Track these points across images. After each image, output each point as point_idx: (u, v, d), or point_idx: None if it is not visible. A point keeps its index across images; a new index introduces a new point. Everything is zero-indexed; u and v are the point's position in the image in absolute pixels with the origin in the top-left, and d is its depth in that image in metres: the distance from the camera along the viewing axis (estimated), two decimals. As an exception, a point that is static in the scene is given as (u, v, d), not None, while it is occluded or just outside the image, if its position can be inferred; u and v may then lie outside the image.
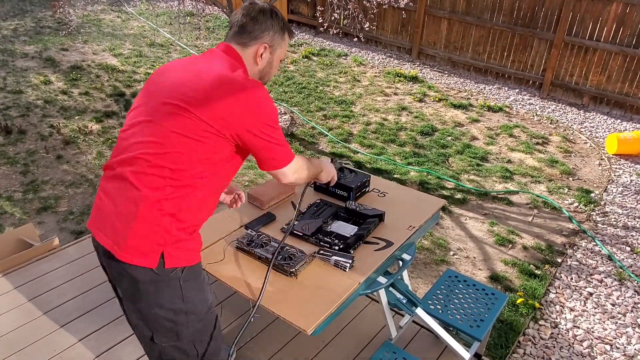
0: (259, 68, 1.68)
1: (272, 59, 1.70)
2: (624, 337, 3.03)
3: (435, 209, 2.34)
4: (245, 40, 1.64)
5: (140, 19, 9.56)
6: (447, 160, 5.03)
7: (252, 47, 1.64)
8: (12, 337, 2.42)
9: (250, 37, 1.64)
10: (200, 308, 1.65)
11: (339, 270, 1.87)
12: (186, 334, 1.65)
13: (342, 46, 8.42)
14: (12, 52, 7.39)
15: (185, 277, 1.58)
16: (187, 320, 1.63)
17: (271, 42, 1.67)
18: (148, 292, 1.57)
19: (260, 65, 1.68)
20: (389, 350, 2.11)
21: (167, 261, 1.52)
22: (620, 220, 4.19)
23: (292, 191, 2.42)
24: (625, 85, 6.12)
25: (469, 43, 7.26)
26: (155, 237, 1.50)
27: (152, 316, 1.62)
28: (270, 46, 1.67)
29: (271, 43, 1.67)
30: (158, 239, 1.50)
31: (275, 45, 1.68)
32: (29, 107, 5.72)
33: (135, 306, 1.61)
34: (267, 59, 1.68)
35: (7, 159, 4.67)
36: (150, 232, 1.49)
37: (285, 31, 1.70)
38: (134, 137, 1.53)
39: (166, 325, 1.63)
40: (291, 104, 6.15)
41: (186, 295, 1.60)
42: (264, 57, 1.67)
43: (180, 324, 1.63)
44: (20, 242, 3.05)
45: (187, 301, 1.61)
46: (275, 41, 1.68)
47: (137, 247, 1.50)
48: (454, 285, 2.51)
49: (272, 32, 1.66)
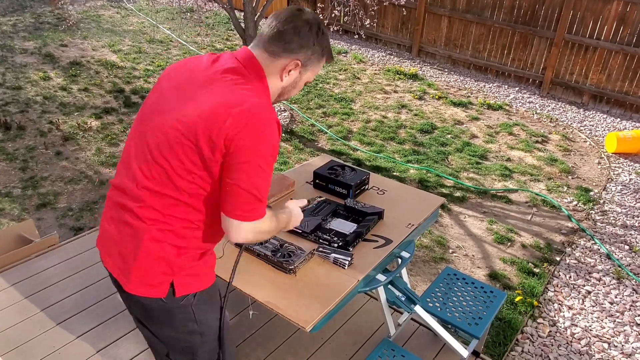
0: (282, 85, 1.46)
1: (299, 79, 1.48)
2: (621, 336, 3.04)
3: (435, 207, 2.34)
4: (277, 50, 1.40)
5: (139, 15, 9.54)
6: (446, 158, 5.03)
7: (282, 60, 1.41)
8: (11, 333, 2.42)
9: (283, 48, 1.40)
10: (215, 327, 1.61)
11: (337, 267, 1.88)
12: (202, 352, 1.62)
13: (342, 43, 8.41)
14: (11, 48, 7.37)
15: (198, 301, 1.52)
16: (202, 340, 1.60)
17: (305, 61, 1.43)
18: (160, 318, 1.52)
19: (285, 83, 1.45)
20: (388, 348, 2.11)
21: (178, 290, 1.45)
22: (619, 219, 4.20)
23: (292, 188, 2.42)
24: (625, 84, 6.12)
25: (469, 41, 7.25)
26: (160, 268, 1.43)
27: (166, 337, 1.59)
28: (303, 65, 1.44)
29: (305, 62, 1.43)
30: (164, 269, 1.43)
31: (308, 66, 1.46)
32: (28, 103, 5.71)
33: (148, 328, 1.59)
34: (294, 78, 1.46)
35: (6, 155, 4.67)
36: (154, 265, 1.43)
37: (324, 55, 1.48)
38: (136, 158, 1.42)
39: (182, 345, 1.60)
40: (291, 101, 6.14)
41: (199, 319, 1.55)
42: (291, 74, 1.44)
43: (196, 344, 1.60)
44: (20, 238, 3.05)
45: (201, 323, 1.56)
46: (310, 61, 1.45)
47: (144, 279, 1.44)
48: (453, 283, 2.51)
49: (310, 50, 1.42)
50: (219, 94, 1.33)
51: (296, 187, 2.45)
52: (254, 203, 1.34)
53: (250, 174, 1.31)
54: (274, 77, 1.43)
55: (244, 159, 1.29)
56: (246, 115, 1.29)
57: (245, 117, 1.29)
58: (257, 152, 1.30)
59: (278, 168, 4.61)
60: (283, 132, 5.37)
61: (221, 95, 1.33)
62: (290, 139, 5.26)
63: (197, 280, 1.50)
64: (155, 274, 1.43)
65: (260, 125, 1.30)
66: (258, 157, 1.30)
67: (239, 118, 1.28)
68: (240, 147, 1.29)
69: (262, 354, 2.38)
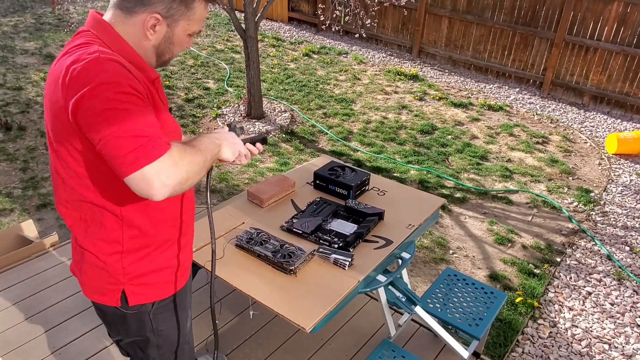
0: (152, 43, 1.28)
1: (171, 34, 1.29)
2: (622, 337, 3.03)
3: (435, 208, 2.34)
4: (128, 4, 1.23)
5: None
6: (447, 159, 5.03)
7: (140, 15, 1.23)
8: (11, 333, 2.42)
9: (136, 3, 1.22)
10: (174, 340, 1.53)
11: (338, 268, 1.87)
12: None
13: (343, 44, 8.41)
14: (12, 49, 7.38)
15: (157, 311, 1.44)
16: (159, 354, 1.54)
17: (167, 11, 1.24)
18: (115, 323, 1.48)
19: (154, 41, 1.28)
20: (388, 349, 2.11)
21: (130, 299, 1.38)
22: (620, 220, 4.20)
23: (292, 189, 2.42)
24: (626, 85, 6.12)
25: (469, 42, 7.25)
26: (105, 279, 1.36)
27: (124, 344, 1.56)
28: (167, 17, 1.25)
29: (167, 13, 1.24)
30: (110, 280, 1.36)
31: (175, 16, 1.26)
32: (29, 103, 5.72)
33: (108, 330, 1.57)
34: (163, 34, 1.27)
35: (6, 155, 4.67)
36: (97, 276, 1.36)
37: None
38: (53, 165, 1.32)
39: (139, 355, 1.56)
40: (291, 101, 6.15)
41: (158, 329, 1.47)
42: (158, 30, 1.26)
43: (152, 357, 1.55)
44: (20, 238, 3.05)
45: (159, 334, 1.49)
46: (174, 10, 1.25)
47: (94, 287, 1.40)
48: (453, 283, 2.51)
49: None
50: (55, 71, 1.20)
51: (297, 187, 2.45)
52: (135, 142, 1.09)
53: (111, 122, 1.09)
54: (139, 36, 1.26)
55: (96, 112, 1.10)
56: (80, 67, 1.13)
57: (79, 69, 1.13)
58: (103, 99, 1.10)
59: (279, 169, 4.62)
60: (283, 132, 5.37)
61: (58, 67, 1.20)
62: (290, 139, 5.26)
63: (153, 289, 1.41)
64: (102, 284, 1.37)
65: (94, 70, 1.12)
66: (106, 102, 1.10)
67: (73, 74, 1.13)
68: (83, 101, 1.11)
69: (263, 355, 2.38)
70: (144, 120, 1.13)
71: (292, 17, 9.28)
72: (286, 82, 6.72)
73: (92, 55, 1.15)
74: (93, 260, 1.35)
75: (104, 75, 1.12)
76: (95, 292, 1.40)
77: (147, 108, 1.17)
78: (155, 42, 1.29)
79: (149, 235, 1.36)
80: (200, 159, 1.22)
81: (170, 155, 1.13)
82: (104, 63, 1.14)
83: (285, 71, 7.10)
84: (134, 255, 1.36)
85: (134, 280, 1.38)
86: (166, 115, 1.34)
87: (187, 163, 1.16)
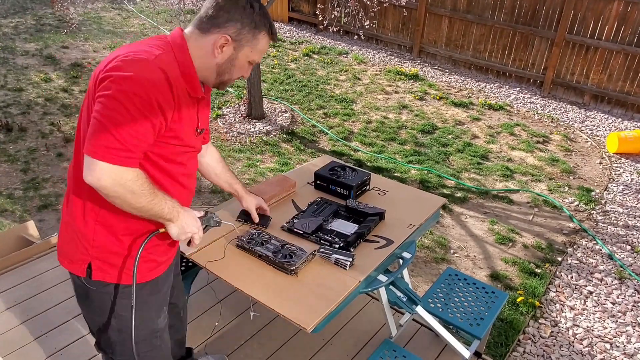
0: (217, 61, 1.42)
1: (235, 57, 1.43)
2: (623, 336, 3.03)
3: (436, 208, 2.33)
4: (205, 25, 1.40)
5: (140, 16, 9.55)
6: (447, 158, 5.03)
7: (212, 35, 1.39)
8: (12, 335, 2.42)
9: (211, 24, 1.39)
10: (138, 332, 1.53)
11: (339, 268, 1.87)
12: (120, 352, 1.58)
13: (343, 44, 8.41)
14: (13, 50, 7.38)
15: (120, 295, 1.49)
16: (120, 338, 1.55)
17: (236, 35, 1.39)
18: (81, 297, 1.53)
19: (219, 59, 1.42)
20: (389, 349, 2.11)
21: (95, 273, 1.44)
22: (621, 219, 4.19)
23: (293, 189, 2.42)
24: (626, 84, 6.11)
25: (470, 41, 7.24)
26: (78, 244, 1.44)
27: (89, 321, 1.58)
28: (235, 40, 1.40)
29: (236, 37, 1.40)
30: (81, 247, 1.43)
31: (242, 41, 1.41)
32: (30, 104, 5.72)
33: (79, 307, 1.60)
34: (228, 54, 1.42)
35: (7, 156, 4.68)
36: (73, 238, 1.44)
37: (260, 29, 1.42)
38: None
39: (102, 336, 1.58)
40: (292, 102, 6.15)
41: (119, 313, 1.51)
42: (225, 50, 1.41)
43: (114, 341, 1.56)
44: (21, 239, 3.06)
45: (120, 319, 1.52)
46: (242, 36, 1.40)
47: (65, 252, 1.47)
48: (454, 283, 2.51)
49: (239, 24, 1.38)
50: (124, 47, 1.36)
51: (297, 188, 2.45)
52: (112, 142, 1.23)
53: (109, 106, 1.23)
54: (207, 54, 1.41)
55: (107, 91, 1.24)
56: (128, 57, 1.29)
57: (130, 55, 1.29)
58: (120, 86, 1.24)
59: (279, 169, 4.62)
60: (284, 133, 5.38)
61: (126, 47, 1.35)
62: (291, 140, 5.26)
63: (119, 272, 1.46)
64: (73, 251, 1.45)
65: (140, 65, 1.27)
66: (121, 92, 1.23)
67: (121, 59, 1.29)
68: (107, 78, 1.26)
69: (264, 355, 2.38)
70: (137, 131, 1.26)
71: (292, 17, 9.28)
72: (286, 82, 6.72)
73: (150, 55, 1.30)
74: (70, 222, 1.45)
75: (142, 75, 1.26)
76: (66, 257, 1.49)
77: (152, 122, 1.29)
78: (219, 61, 1.43)
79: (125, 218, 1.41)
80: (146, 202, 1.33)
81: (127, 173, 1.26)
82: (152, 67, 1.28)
83: (285, 71, 7.10)
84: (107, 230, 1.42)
85: (101, 255, 1.44)
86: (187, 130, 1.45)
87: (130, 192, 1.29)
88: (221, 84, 1.49)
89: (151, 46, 1.35)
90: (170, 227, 1.44)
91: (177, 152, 1.46)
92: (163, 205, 1.37)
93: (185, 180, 1.55)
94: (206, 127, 1.62)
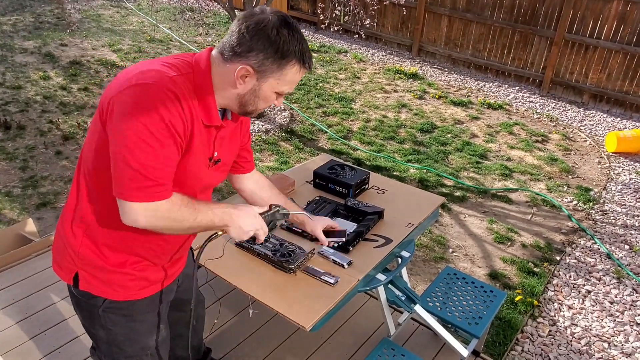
0: (238, 92, 1.31)
1: (258, 87, 1.30)
2: (621, 335, 3.04)
3: (435, 207, 2.34)
4: (228, 53, 1.27)
5: (139, 14, 9.54)
6: (446, 157, 5.03)
7: (233, 64, 1.27)
8: (10, 332, 2.42)
9: (233, 52, 1.26)
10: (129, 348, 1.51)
11: (338, 267, 1.87)
12: None
13: (342, 43, 8.40)
14: (11, 47, 7.37)
15: (108, 309, 1.44)
16: (109, 351, 1.53)
17: (259, 66, 1.25)
18: (74, 304, 1.52)
19: (241, 90, 1.30)
20: (388, 347, 2.11)
21: (81, 283, 1.41)
22: (619, 219, 4.20)
23: (292, 188, 2.42)
24: (626, 83, 6.12)
25: (469, 40, 7.24)
26: (65, 254, 1.42)
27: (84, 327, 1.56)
28: (257, 72, 1.26)
29: (259, 67, 1.25)
30: (68, 256, 1.42)
31: (266, 72, 1.27)
32: (28, 102, 5.71)
33: None
34: (251, 86, 1.29)
35: (6, 154, 4.67)
36: (62, 246, 1.43)
37: (288, 59, 1.26)
38: None
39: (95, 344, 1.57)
40: (291, 100, 6.14)
41: (107, 326, 1.48)
42: (247, 81, 1.28)
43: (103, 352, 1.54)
44: (19, 237, 3.05)
45: (109, 333, 1.48)
46: (266, 67, 1.26)
47: (56, 257, 1.46)
48: (453, 282, 2.51)
49: (262, 54, 1.24)
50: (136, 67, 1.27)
51: (296, 186, 2.45)
52: (140, 180, 1.19)
53: (126, 142, 1.17)
54: (228, 82, 1.30)
55: (122, 126, 1.17)
56: (138, 78, 1.20)
57: (136, 80, 1.19)
58: (133, 119, 1.16)
59: (278, 167, 4.62)
60: (283, 131, 5.37)
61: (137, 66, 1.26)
62: (290, 138, 5.26)
63: (106, 287, 1.42)
64: (62, 257, 1.43)
65: (147, 91, 1.18)
66: (135, 125, 1.16)
67: (131, 81, 1.20)
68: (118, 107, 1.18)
69: (262, 354, 2.38)
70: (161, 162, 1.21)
71: (291, 16, 9.25)
72: (286, 81, 6.71)
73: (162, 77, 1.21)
74: (60, 230, 1.44)
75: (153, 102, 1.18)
76: (57, 263, 1.47)
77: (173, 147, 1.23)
78: (241, 92, 1.31)
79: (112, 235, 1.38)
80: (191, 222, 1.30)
81: (159, 206, 1.23)
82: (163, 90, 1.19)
83: (284, 70, 7.09)
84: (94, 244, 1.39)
85: (86, 267, 1.41)
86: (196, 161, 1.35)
87: (170, 220, 1.26)
88: (246, 114, 1.38)
89: (167, 66, 1.26)
90: (229, 231, 1.39)
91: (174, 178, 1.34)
92: (211, 216, 1.33)
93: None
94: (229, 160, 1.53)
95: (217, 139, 1.40)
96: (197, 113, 1.28)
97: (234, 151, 1.55)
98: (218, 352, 2.37)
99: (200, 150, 1.34)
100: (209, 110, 1.31)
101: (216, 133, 1.38)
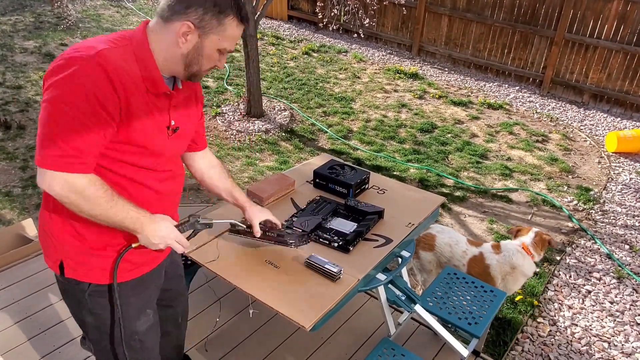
0: (182, 51, 1.33)
1: (201, 45, 1.33)
2: (622, 335, 3.04)
3: (435, 207, 2.33)
4: (167, 13, 1.30)
5: (139, 14, 9.53)
6: (446, 157, 5.03)
7: (174, 23, 1.30)
8: (10, 332, 2.42)
9: (173, 10, 1.29)
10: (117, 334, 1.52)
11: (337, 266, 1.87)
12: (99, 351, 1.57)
13: (342, 42, 8.40)
14: (11, 47, 7.36)
15: (94, 293, 1.47)
16: (97, 336, 1.54)
17: (199, 22, 1.29)
18: (62, 293, 1.53)
19: (184, 49, 1.33)
20: (388, 347, 2.11)
21: (67, 270, 1.44)
22: (620, 219, 4.20)
23: (292, 188, 2.41)
24: (626, 83, 6.12)
25: (469, 40, 7.24)
26: (49, 242, 1.44)
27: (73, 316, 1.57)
28: (198, 27, 1.30)
29: (199, 23, 1.30)
30: (51, 245, 1.43)
31: (206, 28, 1.31)
32: (28, 102, 5.71)
33: None
34: (193, 43, 1.32)
35: (6, 154, 4.67)
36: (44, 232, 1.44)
37: (226, 14, 1.31)
38: None
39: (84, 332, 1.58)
40: (291, 100, 6.14)
41: (95, 311, 1.49)
42: (189, 39, 1.31)
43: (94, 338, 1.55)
44: (19, 237, 3.05)
45: (97, 318, 1.51)
46: (206, 23, 1.30)
47: (43, 247, 1.47)
48: (453, 282, 2.51)
49: (201, 9, 1.28)
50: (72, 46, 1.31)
51: (296, 186, 2.44)
52: (57, 149, 1.21)
53: (50, 112, 1.21)
54: (171, 44, 1.32)
55: (49, 95, 1.22)
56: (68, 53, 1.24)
57: (67, 54, 1.23)
58: (58, 90, 1.20)
59: (278, 167, 4.61)
60: (283, 131, 5.37)
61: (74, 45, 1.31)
62: (290, 138, 5.25)
63: (90, 272, 1.44)
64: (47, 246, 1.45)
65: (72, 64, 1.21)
66: (59, 96, 1.20)
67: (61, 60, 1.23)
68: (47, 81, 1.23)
69: (262, 353, 2.38)
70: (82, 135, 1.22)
71: (291, 16, 9.26)
72: (286, 81, 6.71)
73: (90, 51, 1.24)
74: (42, 219, 1.46)
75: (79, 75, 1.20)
76: (45, 254, 1.48)
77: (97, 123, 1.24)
78: (184, 51, 1.33)
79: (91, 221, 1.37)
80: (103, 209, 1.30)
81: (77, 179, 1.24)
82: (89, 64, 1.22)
83: (284, 69, 7.09)
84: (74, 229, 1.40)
85: (69, 254, 1.42)
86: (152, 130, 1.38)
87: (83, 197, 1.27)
88: (192, 76, 1.40)
89: (102, 41, 1.28)
90: (139, 238, 1.40)
91: (138, 155, 1.38)
92: (124, 215, 1.33)
93: (159, 185, 1.47)
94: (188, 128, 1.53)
95: (172, 108, 1.43)
96: (137, 82, 1.30)
97: (192, 120, 1.57)
98: (218, 352, 2.37)
99: (153, 119, 1.37)
100: (152, 78, 1.33)
101: (169, 102, 1.41)
